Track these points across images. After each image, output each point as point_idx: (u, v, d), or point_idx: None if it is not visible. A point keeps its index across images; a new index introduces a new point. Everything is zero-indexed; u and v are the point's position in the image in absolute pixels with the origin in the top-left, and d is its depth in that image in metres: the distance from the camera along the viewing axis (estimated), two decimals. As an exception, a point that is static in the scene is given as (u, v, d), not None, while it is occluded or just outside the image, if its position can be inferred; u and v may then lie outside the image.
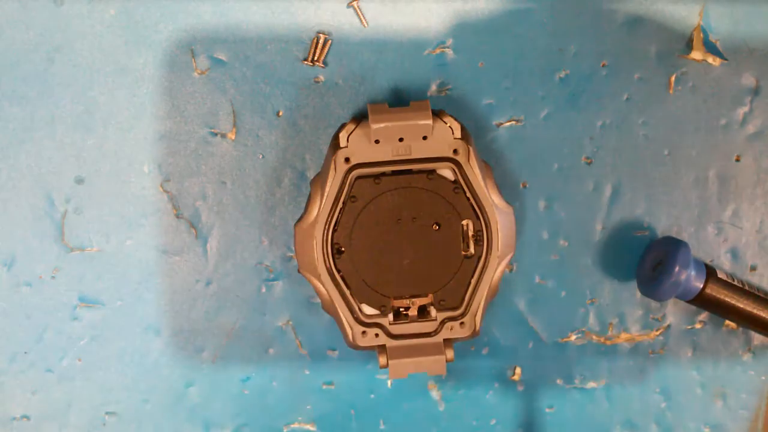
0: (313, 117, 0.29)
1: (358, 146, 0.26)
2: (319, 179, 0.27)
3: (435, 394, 0.31)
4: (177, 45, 0.29)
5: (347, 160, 0.26)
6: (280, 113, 0.29)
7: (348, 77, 0.29)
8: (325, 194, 0.26)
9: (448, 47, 0.29)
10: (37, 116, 0.29)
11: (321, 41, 0.29)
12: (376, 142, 0.26)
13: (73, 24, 0.29)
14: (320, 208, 0.26)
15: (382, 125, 0.26)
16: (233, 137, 0.29)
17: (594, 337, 0.31)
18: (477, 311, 0.27)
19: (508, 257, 0.27)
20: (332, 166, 0.26)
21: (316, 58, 0.29)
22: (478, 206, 0.27)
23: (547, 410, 0.31)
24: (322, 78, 0.29)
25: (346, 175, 0.26)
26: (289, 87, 0.29)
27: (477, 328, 0.27)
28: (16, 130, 0.29)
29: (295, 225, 0.27)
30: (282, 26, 0.29)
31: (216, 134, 0.29)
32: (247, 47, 0.29)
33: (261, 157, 0.29)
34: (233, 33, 0.29)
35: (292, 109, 0.29)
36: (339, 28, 0.29)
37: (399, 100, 0.29)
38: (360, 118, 0.27)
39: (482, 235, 0.27)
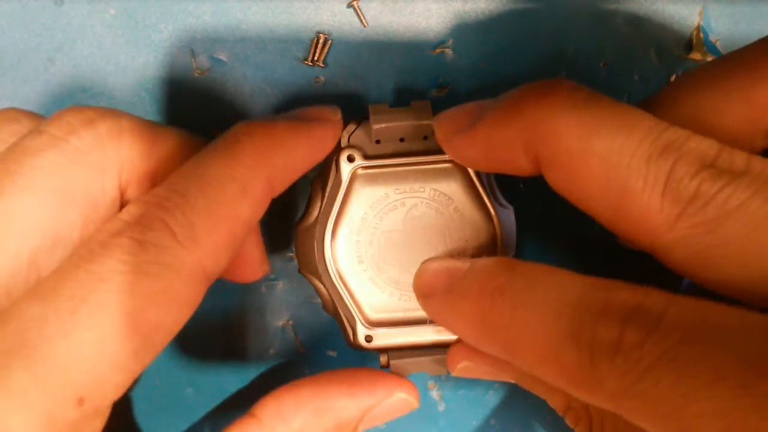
0: (313, 117, 0.29)
1: (360, 146, 0.26)
2: (320, 180, 0.27)
3: (435, 394, 0.31)
4: (177, 45, 0.29)
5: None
6: (280, 113, 0.29)
7: (348, 77, 0.29)
8: (326, 195, 0.26)
9: (448, 47, 0.29)
10: (37, 116, 0.29)
11: (321, 41, 0.29)
12: (377, 142, 0.26)
13: (74, 24, 0.29)
14: (321, 209, 0.26)
15: (383, 125, 0.26)
16: (233, 137, 0.29)
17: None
18: None
19: (509, 257, 0.27)
20: (333, 167, 0.26)
21: (316, 58, 0.29)
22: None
23: (548, 411, 0.31)
24: (322, 78, 0.29)
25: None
26: (289, 87, 0.29)
27: None
28: (16, 130, 0.29)
29: (295, 225, 0.27)
30: (282, 26, 0.29)
31: (216, 134, 0.29)
32: (247, 47, 0.29)
33: (261, 157, 0.29)
34: (233, 33, 0.29)
35: (292, 109, 0.29)
36: (339, 28, 0.29)
37: (399, 100, 0.29)
38: (361, 118, 0.27)
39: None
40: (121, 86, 0.29)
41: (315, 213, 0.27)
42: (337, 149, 0.26)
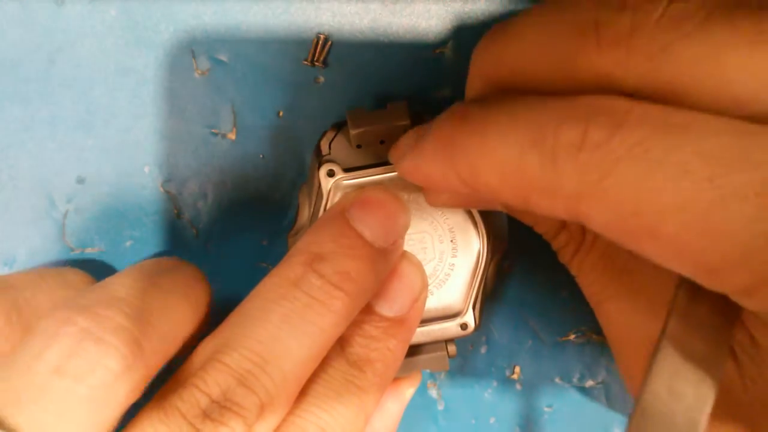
0: (313, 117, 0.29)
1: (341, 153, 0.26)
2: (306, 187, 0.27)
3: (434, 393, 0.31)
4: (177, 46, 0.29)
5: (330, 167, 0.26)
6: (280, 113, 0.29)
7: (348, 77, 0.29)
8: (312, 203, 0.26)
9: (447, 48, 0.29)
10: (37, 116, 0.29)
11: (321, 41, 0.29)
12: (358, 146, 0.26)
13: (74, 25, 0.29)
14: (309, 218, 0.27)
15: (361, 130, 0.26)
16: (233, 137, 0.29)
17: (594, 336, 0.31)
18: (475, 305, 0.27)
19: (500, 250, 0.28)
20: (317, 175, 0.26)
21: (316, 59, 0.29)
22: None
23: (546, 409, 0.32)
24: (322, 78, 0.29)
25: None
26: (289, 87, 0.29)
27: (477, 322, 0.27)
28: (16, 130, 0.29)
29: (288, 236, 0.27)
30: (282, 26, 0.29)
31: (216, 134, 0.29)
32: (247, 47, 0.29)
33: (261, 157, 0.30)
34: (233, 33, 0.29)
35: (292, 109, 0.29)
36: (339, 29, 0.29)
37: (398, 101, 0.29)
38: (340, 124, 0.27)
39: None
40: (122, 87, 0.29)
41: (304, 220, 0.27)
42: (319, 157, 0.26)
